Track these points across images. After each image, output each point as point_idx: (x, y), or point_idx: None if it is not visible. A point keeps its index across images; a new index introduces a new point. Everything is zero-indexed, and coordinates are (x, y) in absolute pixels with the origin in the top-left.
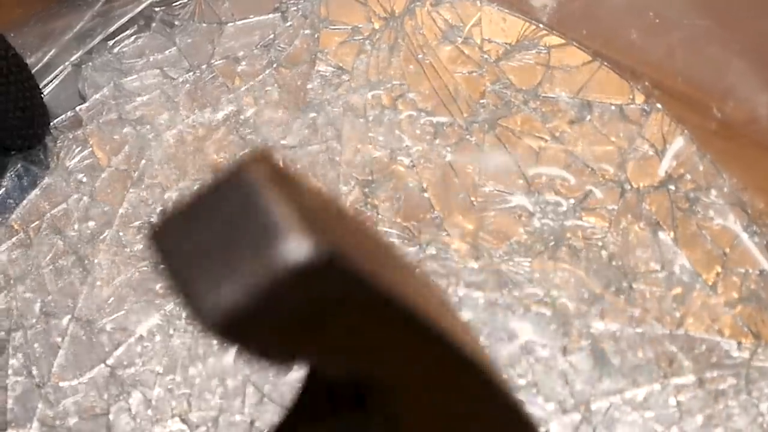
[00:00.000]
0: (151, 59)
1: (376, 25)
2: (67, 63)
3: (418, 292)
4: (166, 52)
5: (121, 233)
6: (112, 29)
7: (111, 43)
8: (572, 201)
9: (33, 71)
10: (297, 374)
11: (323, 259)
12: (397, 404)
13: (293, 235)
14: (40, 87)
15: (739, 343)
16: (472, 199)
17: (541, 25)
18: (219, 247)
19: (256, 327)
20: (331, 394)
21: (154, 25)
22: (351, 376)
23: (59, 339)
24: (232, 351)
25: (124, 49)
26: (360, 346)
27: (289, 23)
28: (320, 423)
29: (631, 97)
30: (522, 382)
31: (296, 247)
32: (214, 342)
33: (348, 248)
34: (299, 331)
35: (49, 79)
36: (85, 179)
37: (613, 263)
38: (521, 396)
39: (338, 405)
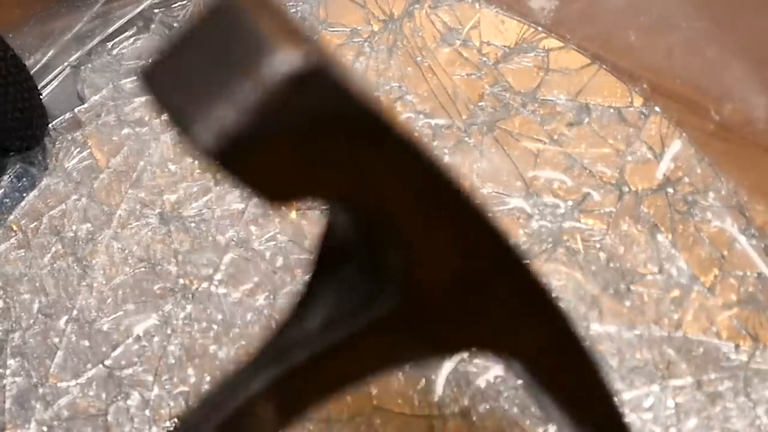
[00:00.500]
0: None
1: (375, 28)
2: (66, 64)
3: None
4: None
5: (119, 234)
6: (110, 30)
7: (110, 44)
8: (570, 203)
9: (32, 72)
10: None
11: (314, 70)
12: (408, 233)
13: (282, 48)
14: (39, 88)
15: (737, 346)
16: None
17: (539, 28)
18: (208, 71)
19: (251, 149)
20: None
21: (153, 26)
22: (356, 209)
23: (57, 339)
24: (231, 350)
25: (123, 51)
26: (358, 172)
27: None
28: (335, 270)
29: (629, 99)
30: (519, 382)
31: (286, 60)
32: (212, 344)
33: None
34: (295, 155)
35: (48, 80)
36: (83, 180)
37: (611, 265)
38: (520, 398)
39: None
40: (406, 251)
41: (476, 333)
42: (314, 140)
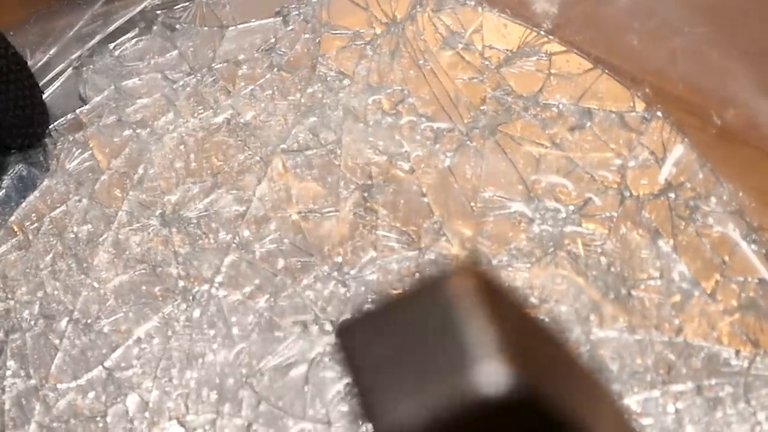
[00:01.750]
0: (152, 62)
1: (378, 30)
2: (67, 63)
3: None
4: (167, 55)
5: (120, 236)
6: (111, 29)
7: (112, 45)
8: (572, 208)
9: (33, 70)
10: (295, 373)
11: (518, 394)
12: None
13: (489, 362)
14: (40, 86)
15: (738, 352)
16: (472, 204)
17: (542, 32)
18: (409, 359)
19: None
20: None
21: (155, 28)
22: None
23: (57, 341)
24: (232, 353)
25: (125, 52)
26: None
27: (290, 27)
28: None
29: (631, 104)
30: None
31: (490, 377)
32: (212, 346)
33: (546, 382)
34: None
35: (49, 80)
36: (84, 182)
37: (612, 270)
38: None
39: None
40: None
41: None
42: None
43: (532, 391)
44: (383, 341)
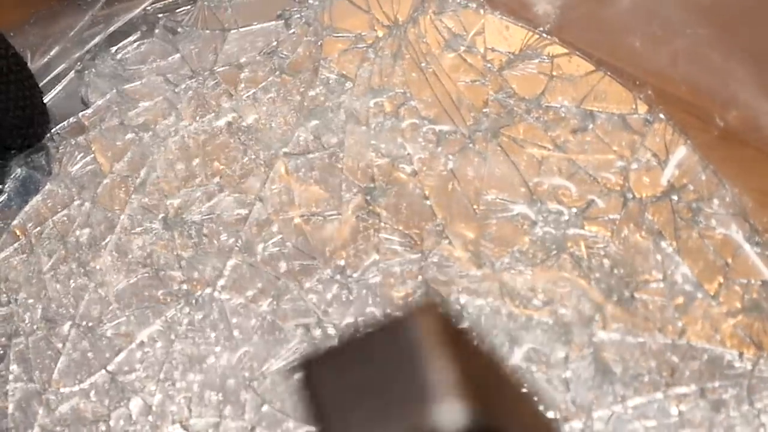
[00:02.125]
0: (154, 65)
1: (380, 33)
2: (67, 64)
3: None
4: (169, 58)
5: (122, 239)
6: (112, 29)
7: (114, 49)
8: (574, 210)
9: (33, 71)
10: (298, 376)
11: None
12: None
13: (448, 400)
14: (41, 88)
15: (741, 354)
16: (474, 207)
17: (544, 35)
18: (371, 398)
19: None
20: None
21: (157, 31)
22: None
23: (60, 345)
24: (234, 356)
25: (127, 56)
26: None
27: (292, 31)
28: None
29: (633, 106)
30: (524, 390)
31: (450, 415)
32: (215, 350)
33: (504, 421)
34: None
35: (51, 83)
36: (87, 185)
37: (615, 272)
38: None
39: None
40: None
41: None
42: None
43: (490, 429)
44: (345, 379)
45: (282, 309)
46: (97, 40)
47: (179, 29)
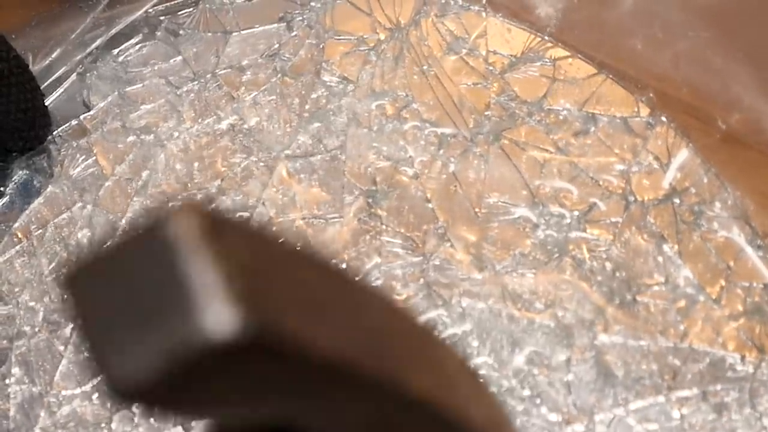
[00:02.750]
0: (156, 68)
1: (381, 36)
2: (69, 66)
3: (366, 353)
4: (171, 61)
5: None
6: (114, 32)
7: (116, 51)
8: (576, 213)
9: (35, 73)
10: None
11: (249, 337)
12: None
13: (216, 304)
14: (42, 89)
15: (743, 357)
16: (476, 210)
17: (546, 37)
18: (135, 308)
19: (170, 402)
20: None
21: (158, 33)
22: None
23: (62, 347)
24: None
25: (128, 58)
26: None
27: (294, 33)
28: None
29: (635, 109)
30: (526, 393)
31: (218, 321)
32: None
33: (281, 314)
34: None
35: (53, 86)
36: (88, 188)
37: (617, 276)
38: (525, 407)
39: None
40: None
41: None
42: (244, 404)
43: (266, 331)
44: (106, 291)
45: None
46: (98, 42)
47: (181, 32)
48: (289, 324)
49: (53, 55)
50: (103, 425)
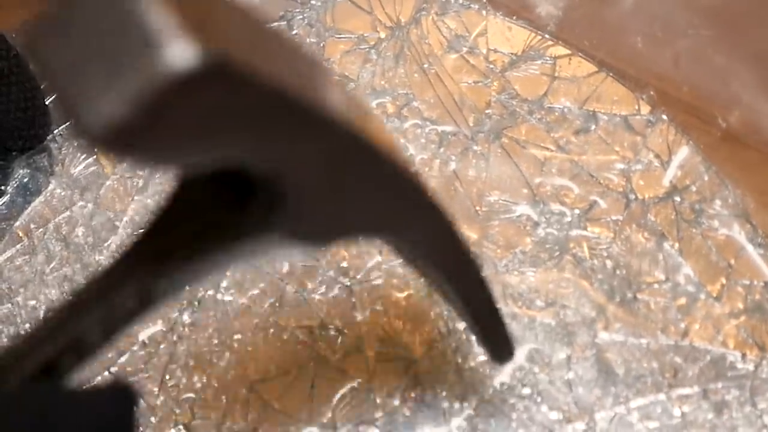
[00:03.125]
0: None
1: (382, 35)
2: None
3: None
4: None
5: (125, 241)
6: None
7: None
8: (577, 211)
9: (35, 72)
10: (300, 378)
11: (210, 66)
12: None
13: (176, 41)
14: (43, 88)
15: (744, 355)
16: (477, 208)
17: (546, 36)
18: (99, 57)
19: (141, 142)
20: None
21: None
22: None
23: None
24: (237, 356)
25: None
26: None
27: (294, 32)
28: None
29: (636, 107)
30: (527, 391)
31: (178, 55)
32: (218, 350)
33: (239, 50)
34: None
35: None
36: (89, 186)
37: (618, 273)
38: (525, 405)
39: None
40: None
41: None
42: (209, 135)
43: (222, 62)
44: (71, 40)
45: (284, 310)
46: None
47: None
48: (239, 53)
49: None
50: None
